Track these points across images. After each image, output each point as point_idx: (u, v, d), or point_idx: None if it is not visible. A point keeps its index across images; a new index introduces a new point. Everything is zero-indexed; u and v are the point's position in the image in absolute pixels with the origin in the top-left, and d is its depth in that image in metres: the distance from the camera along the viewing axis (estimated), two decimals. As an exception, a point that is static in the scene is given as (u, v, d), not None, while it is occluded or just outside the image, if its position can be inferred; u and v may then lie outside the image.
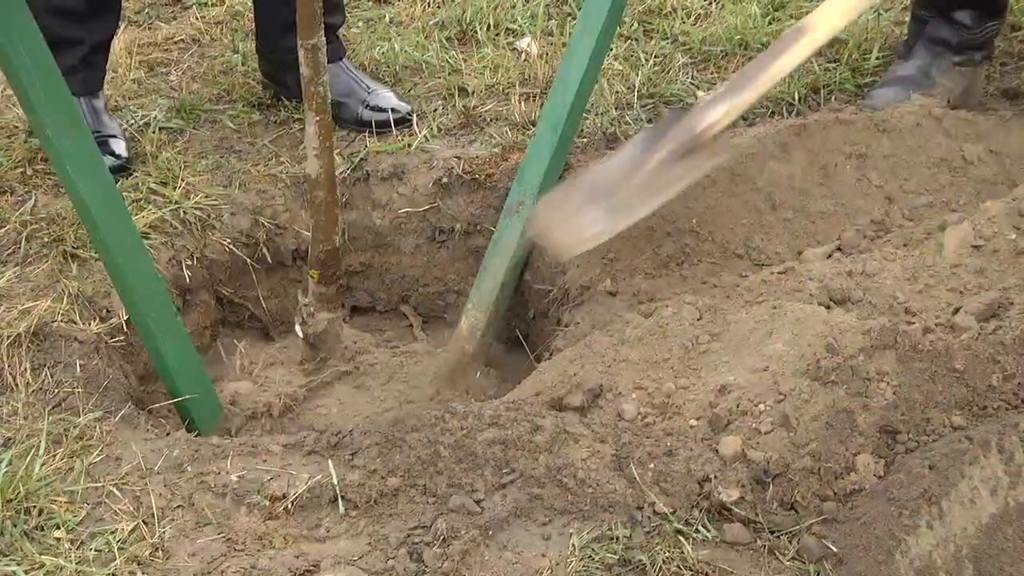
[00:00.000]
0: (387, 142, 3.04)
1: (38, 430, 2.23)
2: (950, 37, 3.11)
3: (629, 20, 3.42)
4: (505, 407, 2.22)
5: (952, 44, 3.11)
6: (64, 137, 2.19)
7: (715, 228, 2.71)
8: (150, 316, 2.37)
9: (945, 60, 3.13)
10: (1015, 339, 2.21)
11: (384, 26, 3.42)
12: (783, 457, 2.09)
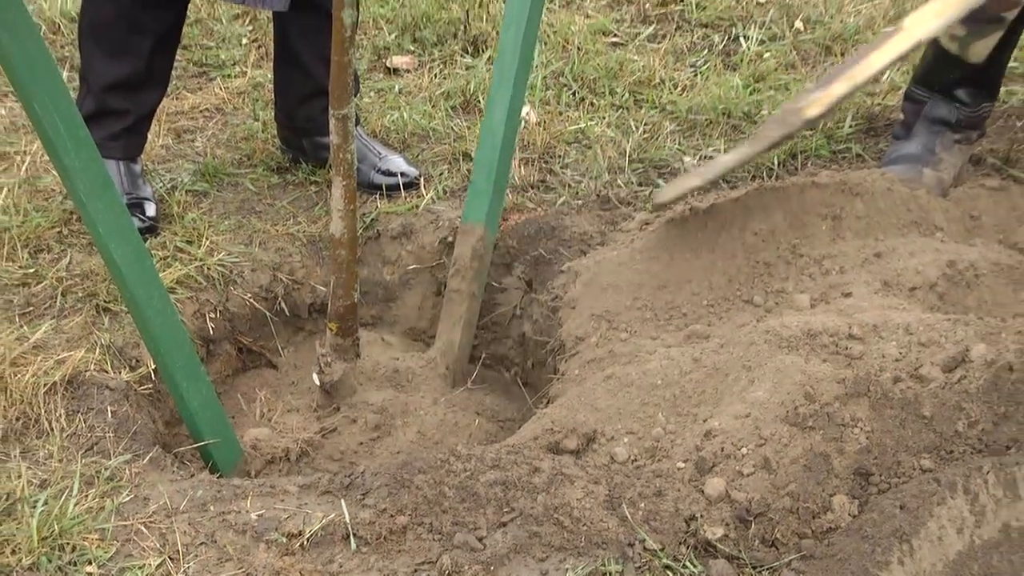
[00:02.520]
0: (397, 204, 3.05)
1: (72, 472, 2.23)
2: (949, 116, 3.09)
3: (620, 91, 3.44)
4: (506, 450, 2.22)
5: (952, 122, 3.09)
6: (96, 200, 2.20)
7: (699, 283, 2.71)
8: (176, 366, 2.37)
9: (947, 138, 3.11)
10: (979, 388, 2.20)
11: (394, 96, 3.44)
12: (764, 497, 2.10)
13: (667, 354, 2.44)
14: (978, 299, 2.59)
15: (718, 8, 3.82)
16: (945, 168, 3.06)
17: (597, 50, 3.62)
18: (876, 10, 3.76)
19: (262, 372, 2.86)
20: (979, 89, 3.07)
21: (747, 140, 2.81)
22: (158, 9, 2.80)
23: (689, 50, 3.67)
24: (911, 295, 2.60)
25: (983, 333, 2.32)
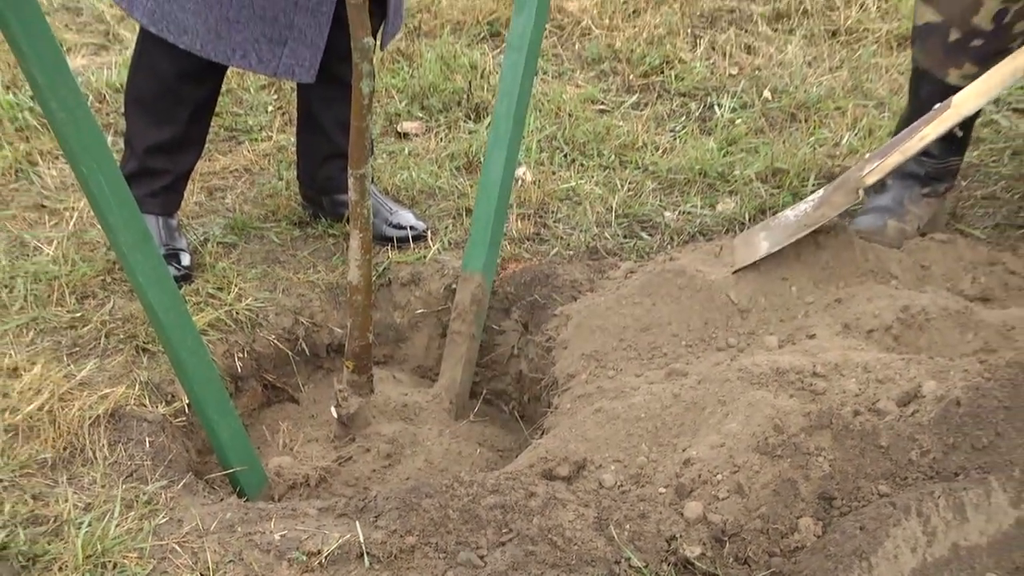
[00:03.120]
0: (406, 254, 3.05)
1: (113, 496, 2.23)
2: (918, 169, 3.08)
3: (607, 153, 3.45)
4: (504, 477, 2.22)
5: (920, 175, 3.08)
6: (136, 252, 2.20)
7: (678, 325, 2.71)
8: (207, 401, 2.37)
9: (915, 192, 3.10)
10: (930, 421, 2.21)
11: (404, 158, 3.45)
12: (737, 519, 2.11)
13: (650, 390, 2.44)
14: (929, 340, 2.59)
15: (695, 79, 3.83)
16: (909, 220, 3.06)
17: (586, 116, 3.63)
18: (836, 81, 3.78)
19: (285, 406, 2.85)
20: (948, 144, 3.06)
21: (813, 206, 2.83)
22: (196, 83, 2.82)
23: (669, 116, 3.68)
24: (869, 337, 2.60)
25: (933, 371, 2.33)
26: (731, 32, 4.06)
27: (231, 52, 2.68)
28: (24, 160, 3.35)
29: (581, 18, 4.11)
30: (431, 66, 3.84)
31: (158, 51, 2.75)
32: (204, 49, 2.68)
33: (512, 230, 3.14)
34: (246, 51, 2.69)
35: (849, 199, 2.81)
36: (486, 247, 2.73)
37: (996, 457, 2.17)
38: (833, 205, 2.81)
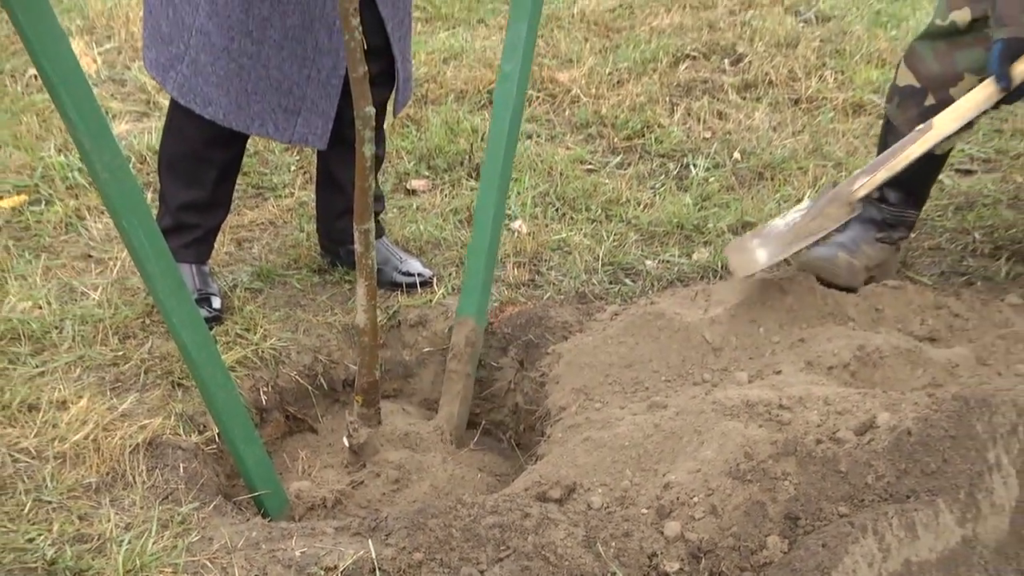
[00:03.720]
0: (414, 298, 3.05)
1: (151, 517, 2.23)
2: (877, 216, 3.09)
3: (594, 208, 3.46)
4: (502, 499, 2.22)
5: (878, 221, 3.09)
6: (171, 298, 2.21)
7: (658, 363, 2.71)
8: (235, 431, 2.37)
9: (871, 234, 3.10)
10: (884, 448, 2.21)
11: (412, 212, 3.46)
12: (712, 537, 2.10)
13: (633, 420, 2.43)
14: (882, 376, 2.60)
15: (672, 142, 3.84)
16: (860, 257, 3.06)
17: (575, 175, 3.64)
18: (798, 144, 3.80)
19: (304, 436, 2.83)
20: (906, 195, 3.08)
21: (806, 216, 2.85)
22: (221, 148, 2.84)
23: (649, 175, 3.68)
24: (829, 373, 2.60)
25: (887, 404, 2.33)
26: (704, 100, 4.07)
27: (251, 122, 2.70)
28: (73, 215, 3.36)
29: (571, 88, 4.12)
30: (437, 130, 3.86)
31: (187, 119, 2.77)
32: (227, 119, 2.70)
33: (509, 276, 3.15)
34: (264, 121, 2.71)
35: (844, 212, 2.84)
36: (477, 294, 2.73)
37: (943, 481, 2.18)
38: (829, 217, 2.83)
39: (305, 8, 2.61)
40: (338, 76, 2.72)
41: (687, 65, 4.30)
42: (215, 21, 2.59)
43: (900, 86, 2.99)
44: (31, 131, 3.76)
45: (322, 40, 2.66)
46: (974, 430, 2.25)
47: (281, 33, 2.62)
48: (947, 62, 2.89)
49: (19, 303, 2.93)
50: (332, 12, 2.63)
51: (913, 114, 2.97)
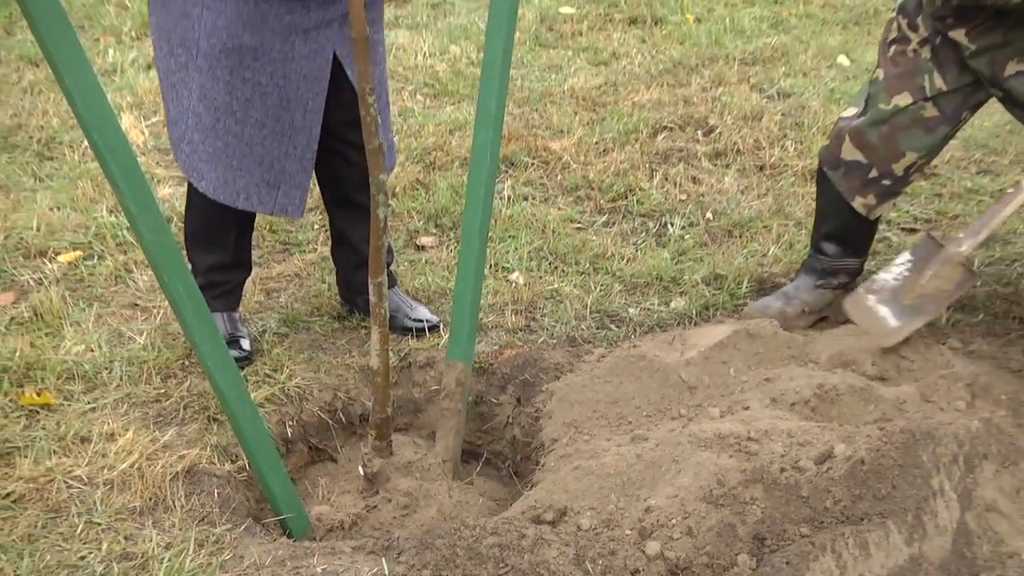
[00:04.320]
0: (423, 342, 3.05)
1: (188, 537, 2.23)
2: (816, 265, 3.11)
3: (583, 261, 3.46)
4: (501, 522, 2.22)
5: (817, 269, 3.11)
6: (206, 343, 2.23)
7: (640, 400, 2.71)
8: (263, 461, 2.37)
9: (811, 281, 3.12)
10: (841, 476, 2.22)
11: (421, 265, 3.47)
12: (688, 556, 2.11)
13: (618, 451, 2.43)
14: (839, 411, 2.60)
15: (652, 203, 3.85)
16: (794, 304, 3.09)
17: (566, 232, 3.65)
18: (763, 205, 3.81)
19: (325, 464, 2.83)
20: (842, 247, 3.09)
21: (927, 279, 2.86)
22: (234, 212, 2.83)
23: (631, 233, 3.69)
24: (791, 408, 2.60)
25: (843, 436, 2.34)
26: (680, 166, 4.08)
27: (237, 196, 2.69)
28: (122, 268, 3.37)
29: (562, 155, 4.13)
30: (443, 193, 3.87)
31: (197, 192, 2.78)
32: (215, 193, 2.70)
33: (507, 322, 3.15)
34: (249, 195, 2.70)
35: (958, 272, 2.86)
36: (464, 340, 2.70)
37: (893, 505, 2.19)
38: (949, 280, 2.85)
39: (282, 91, 2.61)
40: (311, 151, 2.72)
41: (665, 136, 4.32)
42: (204, 103, 2.59)
43: (846, 160, 3.00)
44: (86, 195, 3.79)
45: (297, 119, 2.66)
46: (920, 459, 2.26)
47: (262, 113, 2.62)
48: (890, 143, 2.92)
49: (74, 346, 2.94)
50: (305, 94, 2.64)
51: (858, 184, 2.99)
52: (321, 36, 2.59)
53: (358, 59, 2.17)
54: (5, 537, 2.23)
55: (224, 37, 2.51)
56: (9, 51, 4.87)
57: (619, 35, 5.15)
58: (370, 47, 2.70)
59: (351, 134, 2.76)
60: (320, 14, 2.57)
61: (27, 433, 2.59)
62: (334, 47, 2.64)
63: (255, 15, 2.50)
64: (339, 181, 2.95)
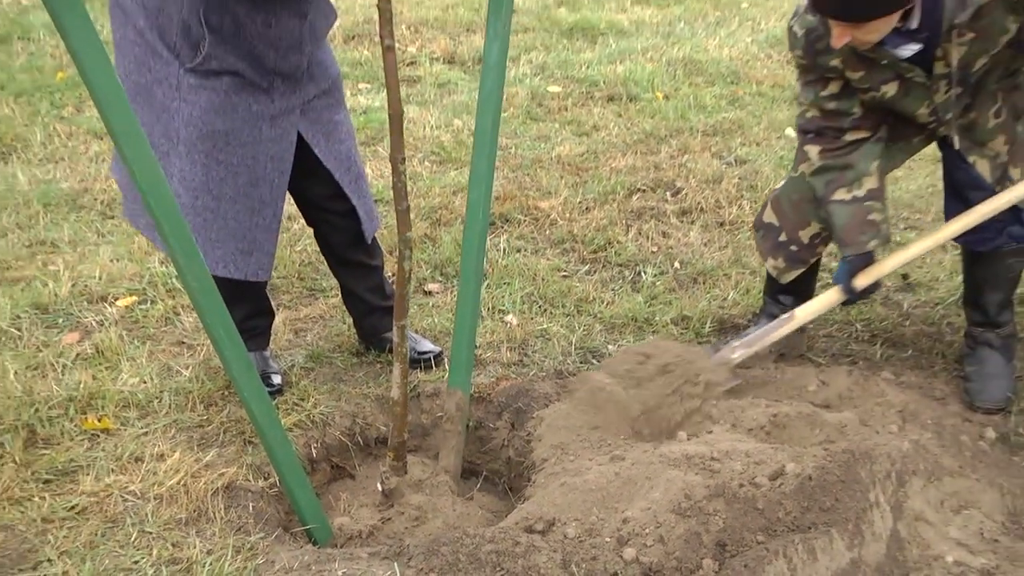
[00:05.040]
0: (430, 375, 3.05)
1: (227, 544, 2.23)
2: (774, 311, 3.10)
3: (568, 305, 3.45)
4: (498, 531, 2.22)
5: (775, 315, 3.08)
6: (242, 376, 2.25)
7: (618, 426, 2.71)
8: (291, 478, 2.38)
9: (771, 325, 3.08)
10: (791, 490, 2.23)
11: (429, 308, 3.47)
12: (660, 560, 2.11)
13: (599, 470, 2.44)
14: (789, 435, 2.61)
15: (628, 254, 3.84)
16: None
17: (554, 280, 3.64)
18: (723, 256, 3.81)
19: (345, 481, 2.82)
20: (795, 297, 3.08)
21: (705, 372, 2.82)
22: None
23: (610, 280, 3.67)
24: (749, 432, 2.62)
25: (793, 456, 2.35)
26: (652, 223, 4.08)
27: (216, 264, 2.64)
28: (171, 311, 3.38)
29: (550, 213, 4.13)
30: (448, 246, 3.87)
31: None
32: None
33: (503, 358, 3.14)
34: (227, 263, 2.67)
35: (726, 376, 2.82)
36: (463, 371, 2.71)
37: (836, 515, 2.20)
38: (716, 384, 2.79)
39: (251, 170, 2.57)
40: (277, 221, 2.67)
41: (638, 196, 4.32)
42: (184, 185, 2.56)
43: (765, 222, 2.98)
44: (141, 248, 3.80)
45: (265, 195, 2.62)
46: (859, 476, 2.28)
47: (234, 190, 2.57)
48: (799, 210, 2.87)
49: (129, 379, 2.95)
50: (272, 172, 2.60)
51: (771, 244, 2.97)
52: (285, 121, 2.57)
53: (392, 132, 2.17)
54: (70, 544, 2.24)
55: (199, 125, 2.50)
56: (79, 126, 4.90)
57: (599, 110, 5.19)
58: (333, 127, 2.70)
59: (332, 204, 2.78)
60: (283, 103, 2.55)
61: (89, 454, 2.60)
62: (299, 129, 2.62)
63: (226, 104, 2.48)
64: (333, 246, 2.95)
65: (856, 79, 2.56)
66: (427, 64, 5.87)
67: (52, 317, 3.35)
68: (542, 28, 6.39)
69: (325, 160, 2.70)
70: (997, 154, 2.66)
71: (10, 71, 5.55)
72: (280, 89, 2.56)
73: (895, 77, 2.53)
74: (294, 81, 2.58)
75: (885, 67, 2.51)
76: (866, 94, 2.60)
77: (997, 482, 2.49)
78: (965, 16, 2.35)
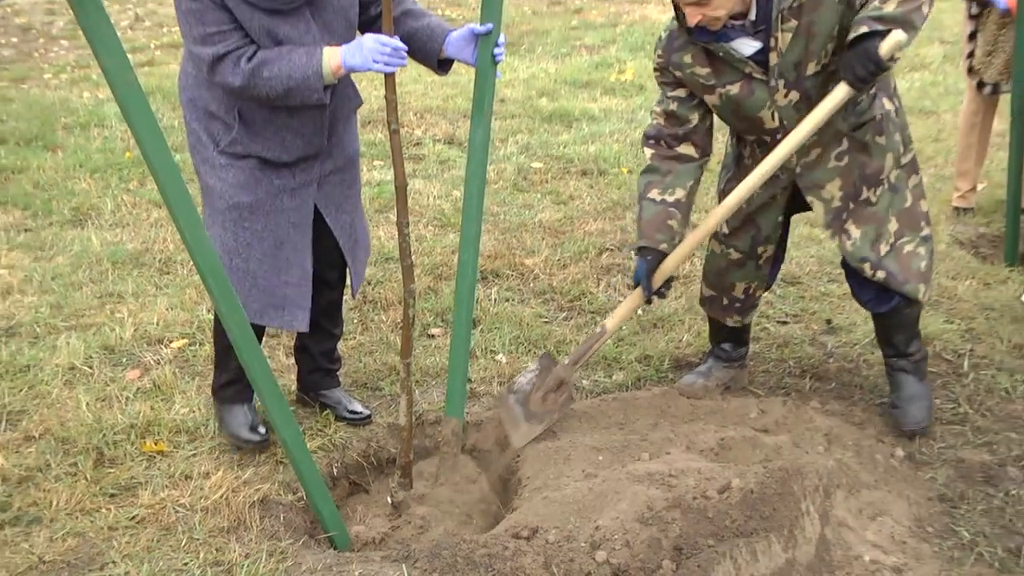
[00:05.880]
0: (434, 405, 3.01)
1: (262, 549, 2.23)
2: (721, 354, 3.10)
3: (549, 346, 3.41)
4: (490, 538, 2.22)
5: (722, 357, 3.10)
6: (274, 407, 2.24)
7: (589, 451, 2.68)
8: (315, 493, 2.37)
9: (720, 363, 3.10)
10: (737, 502, 2.24)
11: (432, 349, 3.39)
12: (626, 562, 2.11)
13: (575, 485, 2.44)
14: (734, 455, 2.61)
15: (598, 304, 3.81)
16: (712, 379, 3.06)
17: (537, 325, 3.64)
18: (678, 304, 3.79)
19: (361, 495, 2.81)
20: (735, 343, 3.10)
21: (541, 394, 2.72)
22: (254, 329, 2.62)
23: (584, 325, 3.66)
24: (701, 454, 2.62)
25: (738, 473, 2.36)
26: (619, 277, 4.08)
27: (252, 314, 2.54)
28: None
29: (533, 269, 4.13)
30: (447, 296, 3.87)
31: None
32: None
33: (494, 391, 3.13)
34: (261, 315, 2.59)
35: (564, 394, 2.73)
36: (457, 401, 2.71)
37: (774, 523, 2.21)
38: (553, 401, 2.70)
39: (274, 234, 2.51)
40: (307, 280, 2.57)
41: (607, 254, 4.32)
42: (221, 248, 2.50)
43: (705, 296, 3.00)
44: (191, 299, 3.80)
45: (290, 256, 2.56)
46: (792, 489, 2.29)
47: (260, 252, 2.51)
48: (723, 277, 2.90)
49: (181, 409, 2.95)
50: (294, 236, 2.54)
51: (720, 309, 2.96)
52: (304, 193, 2.52)
53: (398, 201, 2.19)
54: (131, 548, 2.25)
55: (228, 198, 2.47)
56: (142, 197, 4.94)
57: (574, 183, 5.24)
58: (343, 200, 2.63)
59: (323, 272, 2.72)
60: (303, 177, 2.51)
61: (147, 472, 2.61)
62: (314, 201, 2.57)
63: (251, 181, 2.44)
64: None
65: (703, 75, 2.43)
66: (430, 144, 5.94)
67: (118, 357, 3.36)
68: (526, 115, 6.49)
69: (334, 228, 2.63)
70: (832, 198, 2.55)
71: (88, 152, 5.60)
72: (301, 166, 2.50)
73: (740, 77, 2.39)
74: (313, 159, 2.52)
75: (730, 66, 2.38)
76: (713, 93, 2.45)
77: (905, 493, 2.51)
78: (789, 2, 2.26)
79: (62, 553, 2.26)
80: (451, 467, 2.69)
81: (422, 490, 2.63)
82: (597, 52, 8.33)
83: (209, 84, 2.34)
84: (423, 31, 2.44)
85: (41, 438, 2.79)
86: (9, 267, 4.08)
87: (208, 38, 2.16)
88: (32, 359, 3.28)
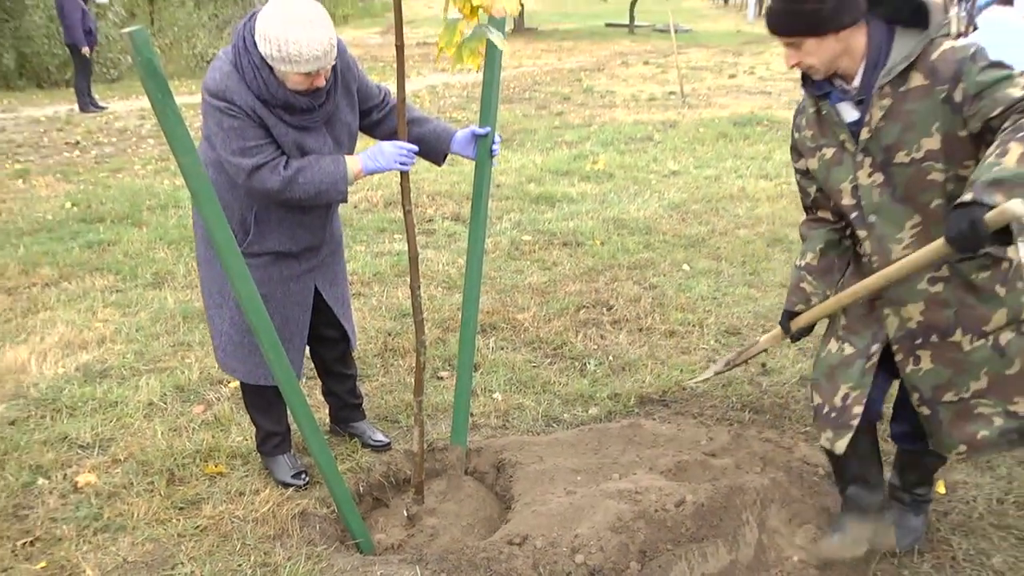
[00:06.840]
0: (439, 433, 2.99)
1: (302, 553, 2.23)
2: (851, 505, 2.33)
3: (536, 386, 3.41)
4: (488, 544, 2.23)
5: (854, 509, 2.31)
6: (312, 437, 2.27)
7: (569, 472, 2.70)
8: (345, 507, 2.37)
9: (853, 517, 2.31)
10: (690, 513, 2.25)
11: (441, 389, 3.39)
12: (601, 564, 2.11)
13: (558, 501, 2.44)
14: (688, 475, 2.61)
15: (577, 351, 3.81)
16: (848, 536, 2.30)
17: (526, 369, 3.63)
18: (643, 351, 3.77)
19: (382, 509, 2.78)
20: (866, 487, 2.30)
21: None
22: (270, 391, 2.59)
23: (566, 369, 3.65)
24: (661, 474, 2.61)
25: (691, 490, 2.37)
26: (594, 329, 4.08)
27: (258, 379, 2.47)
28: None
29: (524, 322, 4.14)
30: (454, 345, 3.82)
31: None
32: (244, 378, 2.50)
33: (492, 423, 3.13)
34: (267, 378, 2.47)
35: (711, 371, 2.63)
36: (461, 432, 2.71)
37: (720, 531, 2.22)
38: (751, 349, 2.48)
39: (281, 314, 2.44)
40: (303, 345, 2.51)
41: (584, 311, 4.33)
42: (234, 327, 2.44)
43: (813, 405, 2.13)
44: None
45: (293, 329, 2.49)
46: (735, 503, 2.31)
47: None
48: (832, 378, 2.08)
49: (236, 437, 2.94)
50: (296, 313, 2.46)
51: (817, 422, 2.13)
52: (307, 278, 2.46)
53: (411, 268, 2.23)
54: (196, 552, 2.25)
55: None
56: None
57: (557, 252, 5.28)
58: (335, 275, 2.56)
59: (326, 331, 2.68)
60: (307, 264, 2.44)
61: (209, 490, 2.61)
62: (315, 283, 2.50)
63: (264, 276, 2.37)
64: (324, 360, 2.84)
65: (809, 137, 1.95)
66: (440, 221, 6.03)
67: (187, 395, 3.36)
68: (518, 197, 6.63)
69: (328, 300, 2.55)
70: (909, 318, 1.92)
71: (166, 228, 5.71)
72: (306, 255, 2.43)
73: (836, 143, 1.88)
74: (316, 247, 2.45)
75: (831, 128, 1.88)
76: (814, 156, 1.95)
77: (826, 505, 2.51)
78: (888, 76, 1.73)
79: (141, 556, 2.27)
80: (456, 486, 2.70)
81: (432, 505, 2.63)
82: (575, 147, 8.54)
83: (233, 190, 2.25)
84: (430, 135, 2.46)
85: (125, 461, 2.81)
86: (104, 321, 4.15)
87: (248, 151, 2.11)
88: (119, 396, 3.31)
